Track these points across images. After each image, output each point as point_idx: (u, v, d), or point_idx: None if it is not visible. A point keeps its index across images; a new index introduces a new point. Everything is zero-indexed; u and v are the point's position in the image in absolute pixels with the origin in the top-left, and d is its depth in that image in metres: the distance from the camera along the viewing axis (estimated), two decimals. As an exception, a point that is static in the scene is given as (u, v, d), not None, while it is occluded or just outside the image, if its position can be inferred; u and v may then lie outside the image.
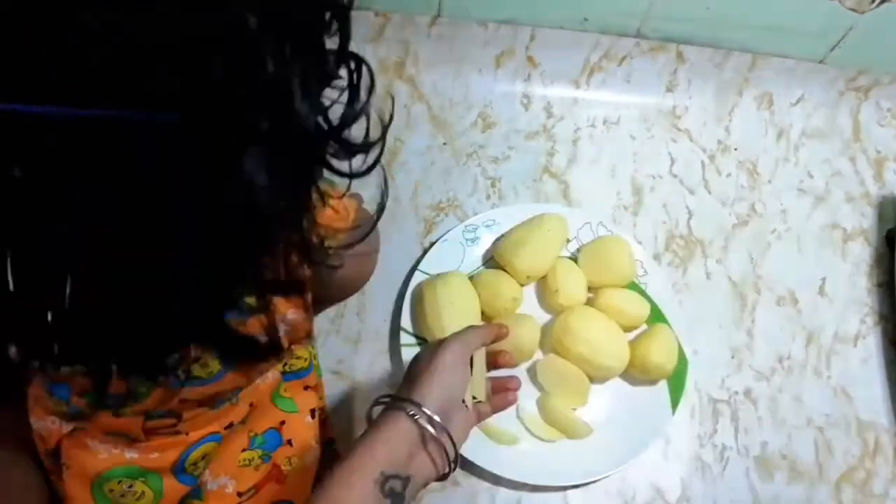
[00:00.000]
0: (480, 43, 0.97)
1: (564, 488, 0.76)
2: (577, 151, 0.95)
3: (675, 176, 0.95)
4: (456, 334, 0.63)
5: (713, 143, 0.98)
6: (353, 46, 0.40)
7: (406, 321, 0.80)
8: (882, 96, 1.02)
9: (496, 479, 0.75)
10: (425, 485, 0.57)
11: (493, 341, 0.68)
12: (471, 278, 0.82)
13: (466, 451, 0.69)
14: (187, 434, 0.59)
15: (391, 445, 0.54)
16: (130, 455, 0.57)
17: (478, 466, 0.74)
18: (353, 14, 0.39)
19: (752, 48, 1.00)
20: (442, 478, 0.58)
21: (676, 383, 0.79)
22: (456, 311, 0.77)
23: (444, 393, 0.58)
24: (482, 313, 0.80)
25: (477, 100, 0.96)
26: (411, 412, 0.55)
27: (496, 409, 0.69)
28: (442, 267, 0.83)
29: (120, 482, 0.57)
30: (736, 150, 0.98)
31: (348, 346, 0.81)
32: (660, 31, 0.99)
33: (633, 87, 0.99)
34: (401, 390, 0.59)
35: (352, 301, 0.83)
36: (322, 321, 0.82)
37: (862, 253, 0.93)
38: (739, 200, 0.95)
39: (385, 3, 0.94)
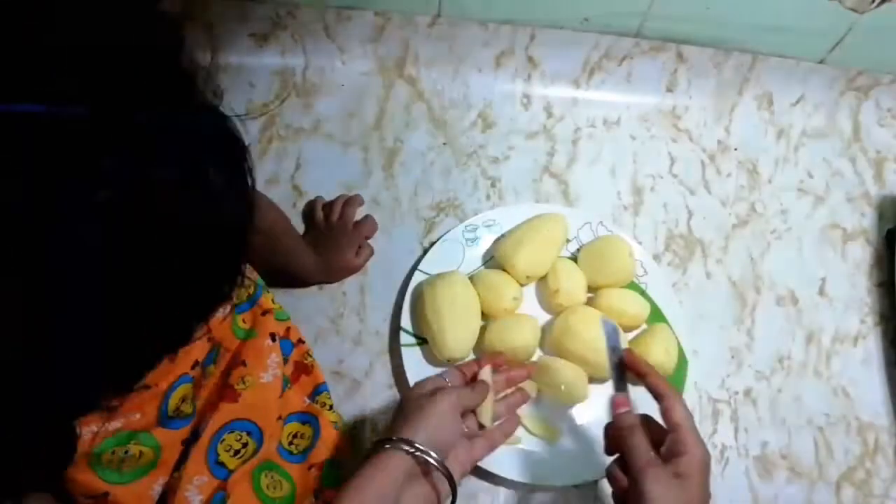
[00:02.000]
0: (480, 43, 0.97)
1: (564, 488, 0.76)
2: (577, 151, 0.95)
3: (675, 176, 0.95)
4: (454, 388, 0.65)
5: (713, 143, 0.98)
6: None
7: (406, 321, 0.80)
8: (882, 96, 1.02)
9: (496, 479, 0.75)
10: None
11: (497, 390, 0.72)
12: (471, 278, 0.82)
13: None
14: (157, 385, 0.59)
15: (383, 481, 0.56)
16: (114, 425, 0.57)
17: (478, 466, 0.73)
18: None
19: (752, 48, 1.00)
20: None
21: (676, 383, 0.79)
22: (456, 311, 0.77)
23: (435, 437, 0.60)
24: (482, 313, 0.80)
25: (477, 100, 0.96)
26: (404, 447, 0.57)
27: (506, 435, 0.72)
28: (442, 267, 0.83)
29: (114, 452, 0.58)
30: (736, 150, 0.98)
31: (348, 346, 0.81)
32: (660, 31, 0.99)
33: (633, 87, 0.99)
34: (392, 430, 0.61)
35: (352, 301, 0.83)
36: (322, 321, 0.82)
37: (862, 253, 0.93)
38: (739, 200, 0.95)
39: (385, 3, 0.93)
